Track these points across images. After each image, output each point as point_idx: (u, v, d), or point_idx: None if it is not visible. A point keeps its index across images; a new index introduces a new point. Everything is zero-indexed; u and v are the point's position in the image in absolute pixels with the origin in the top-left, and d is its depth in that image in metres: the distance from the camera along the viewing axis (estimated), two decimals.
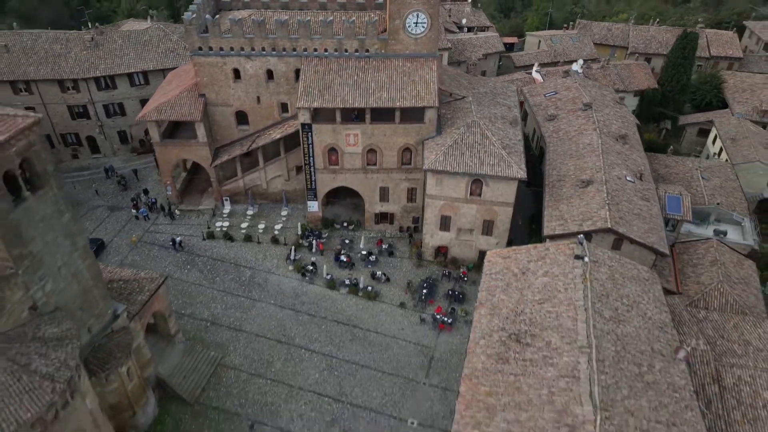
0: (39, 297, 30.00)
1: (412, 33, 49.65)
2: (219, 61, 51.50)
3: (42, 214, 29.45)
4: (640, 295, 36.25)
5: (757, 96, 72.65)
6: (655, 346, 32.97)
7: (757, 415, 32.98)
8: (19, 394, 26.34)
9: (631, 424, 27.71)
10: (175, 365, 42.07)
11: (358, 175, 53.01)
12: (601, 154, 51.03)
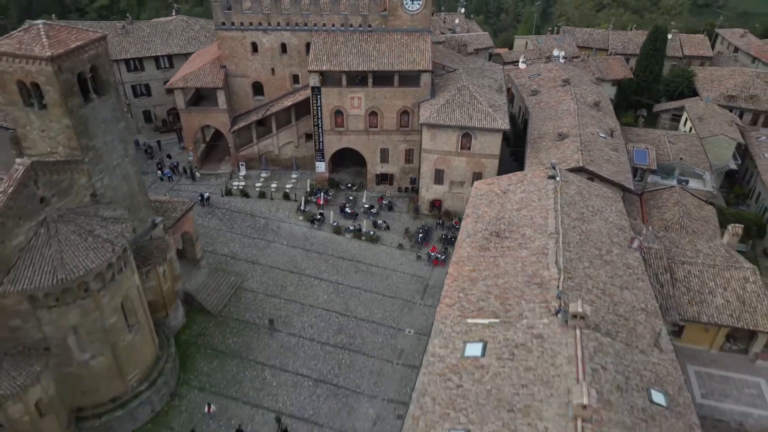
0: (98, 187, 36.12)
1: (409, 10, 56.98)
2: (239, 35, 58.68)
3: (104, 117, 35.87)
4: (604, 206, 42.38)
5: (724, 85, 79.82)
6: (614, 239, 38.95)
7: (702, 299, 38.72)
8: (86, 250, 32.24)
9: (590, 284, 33.48)
10: (201, 284, 47.76)
11: (361, 136, 59.55)
12: (577, 116, 57.73)
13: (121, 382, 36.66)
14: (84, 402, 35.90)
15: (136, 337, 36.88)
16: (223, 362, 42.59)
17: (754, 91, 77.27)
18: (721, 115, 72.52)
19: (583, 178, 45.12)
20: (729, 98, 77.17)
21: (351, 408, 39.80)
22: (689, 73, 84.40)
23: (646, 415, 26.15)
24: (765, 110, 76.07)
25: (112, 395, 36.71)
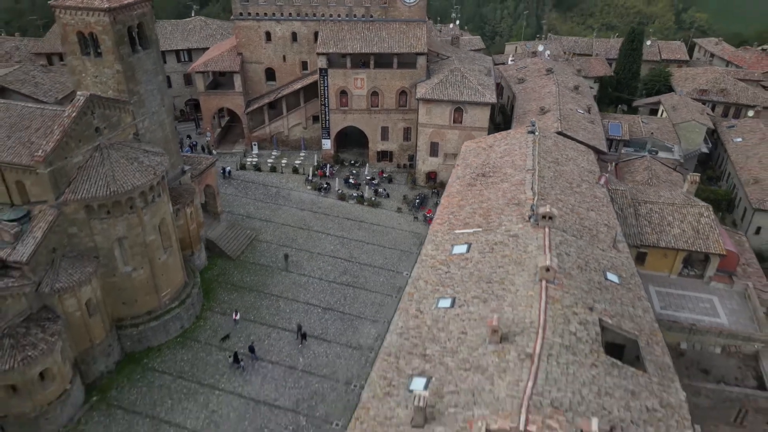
0: (140, 128, 42.24)
1: (407, 2, 64.02)
2: (254, 25, 65.60)
3: (146, 68, 42.23)
4: (576, 156, 48.44)
5: (697, 81, 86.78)
6: (584, 177, 44.93)
7: (662, 229, 44.38)
8: (133, 172, 38.18)
9: (560, 205, 39.29)
10: (221, 233, 53.47)
11: (364, 115, 65.96)
12: (558, 96, 64.23)
13: (155, 298, 42.11)
14: (123, 313, 41.27)
15: (169, 259, 42.46)
16: (242, 294, 48.05)
17: (724, 86, 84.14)
18: (694, 106, 79.08)
19: (559, 137, 51.27)
20: (701, 92, 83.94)
21: (355, 328, 45.14)
22: (666, 73, 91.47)
23: (601, 287, 31.80)
24: (734, 102, 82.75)
25: (148, 309, 42.12)
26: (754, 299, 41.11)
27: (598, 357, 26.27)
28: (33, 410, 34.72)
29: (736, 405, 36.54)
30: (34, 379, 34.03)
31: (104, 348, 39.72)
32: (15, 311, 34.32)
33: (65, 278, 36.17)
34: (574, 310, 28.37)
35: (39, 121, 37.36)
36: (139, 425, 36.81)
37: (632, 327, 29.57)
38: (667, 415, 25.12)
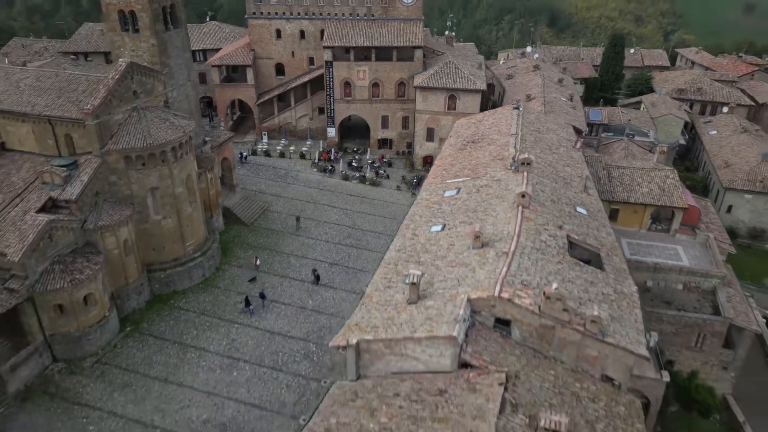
0: (170, 97, 48.02)
1: (405, 2, 70.54)
2: (266, 23, 72.03)
3: (176, 44, 48.22)
4: (556, 128, 54.14)
5: (676, 83, 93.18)
6: (562, 143, 50.53)
7: (632, 189, 49.79)
8: (165, 129, 43.80)
9: (539, 161, 44.82)
10: (236, 203, 58.88)
11: (366, 105, 71.95)
12: (543, 86, 70.30)
13: (181, 246, 47.34)
14: (153, 258, 46.42)
15: (194, 213, 47.82)
16: (256, 251, 53.26)
17: (701, 86, 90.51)
18: (672, 103, 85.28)
19: (541, 114, 57.04)
20: (680, 92, 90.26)
21: (358, 279, 50.26)
22: (647, 76, 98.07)
23: (570, 215, 37.17)
24: (710, 100, 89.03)
25: (174, 256, 47.31)
26: (714, 247, 46.33)
27: (563, 258, 31.57)
28: (77, 330, 39.67)
29: (695, 330, 41.49)
30: (79, 302, 39.08)
31: (137, 287, 44.82)
32: (64, 243, 39.54)
33: (106, 218, 41.47)
34: (546, 227, 33.74)
35: (85, 85, 43.13)
36: (169, 349, 41.71)
37: (595, 243, 34.84)
38: (619, 299, 30.39)
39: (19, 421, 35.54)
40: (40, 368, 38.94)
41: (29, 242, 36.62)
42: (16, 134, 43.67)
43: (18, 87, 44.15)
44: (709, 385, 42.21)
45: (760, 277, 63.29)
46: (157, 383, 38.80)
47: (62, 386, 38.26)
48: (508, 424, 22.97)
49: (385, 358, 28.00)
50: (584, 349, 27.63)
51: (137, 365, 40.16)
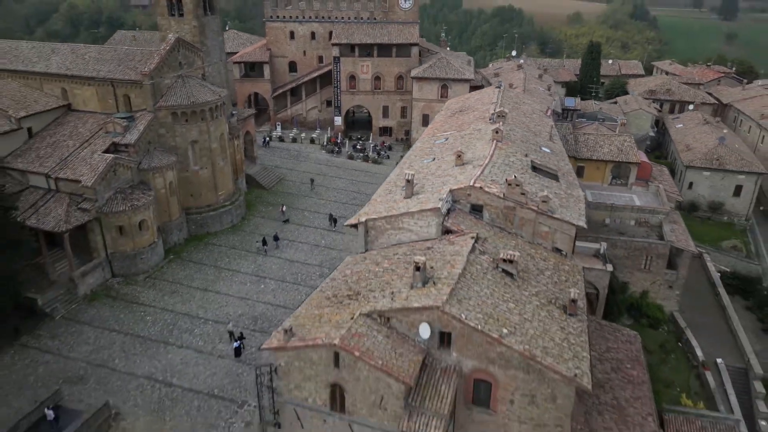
0: (206, 71, 57.47)
1: (403, 8, 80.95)
2: (281, 26, 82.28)
3: (212, 27, 57.96)
4: (532, 103, 63.53)
5: (647, 85, 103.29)
6: (536, 113, 59.81)
7: (595, 149, 58.82)
8: (204, 92, 53.11)
9: (515, 120, 54.03)
10: (257, 171, 67.91)
11: (368, 96, 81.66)
12: (524, 80, 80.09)
13: (214, 194, 56.16)
14: (190, 203, 55.15)
15: (225, 167, 56.79)
16: (276, 208, 61.96)
17: (670, 87, 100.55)
18: (642, 101, 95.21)
19: (521, 92, 66.56)
20: (650, 93, 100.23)
21: None
22: (623, 82, 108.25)
23: (536, 151, 46.15)
24: (678, 100, 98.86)
25: (208, 203, 56.08)
26: (662, 194, 55.11)
27: (527, 170, 40.51)
28: (132, 249, 48.20)
29: (643, 253, 49.94)
30: (136, 225, 47.73)
31: (178, 224, 53.47)
32: (124, 179, 48.37)
33: (157, 162, 50.41)
34: (514, 154, 42.78)
35: (140, 56, 52.68)
36: (206, 270, 50.17)
37: (555, 167, 43.79)
38: (568, 197, 39.18)
39: (89, 314, 43.82)
40: (102, 279, 47.32)
41: (99, 172, 45.50)
42: (82, 96, 52.96)
43: (84, 58, 53.68)
44: (658, 303, 50.61)
45: (717, 241, 71.72)
46: (198, 291, 47.16)
47: (121, 292, 46.63)
48: (476, 258, 31.62)
49: (386, 232, 36.74)
50: (538, 226, 36.38)
51: (181, 280, 48.58)
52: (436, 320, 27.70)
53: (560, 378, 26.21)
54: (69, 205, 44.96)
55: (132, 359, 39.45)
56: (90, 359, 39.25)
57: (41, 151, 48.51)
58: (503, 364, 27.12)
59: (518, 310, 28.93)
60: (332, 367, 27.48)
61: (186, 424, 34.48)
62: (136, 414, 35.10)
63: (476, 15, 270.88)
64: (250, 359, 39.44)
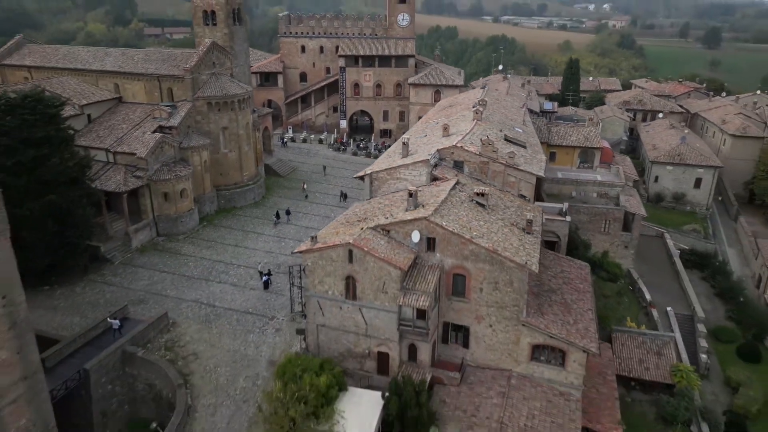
0: (234, 71, 67.88)
1: (401, 25, 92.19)
2: (294, 41, 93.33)
3: (239, 35, 68.61)
4: (512, 101, 73.91)
5: (622, 97, 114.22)
6: (515, 107, 70.08)
7: (565, 138, 68.77)
8: (234, 87, 63.40)
9: (495, 111, 64.21)
10: (273, 162, 77.91)
11: (371, 101, 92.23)
12: (508, 87, 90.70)
13: (239, 174, 65.99)
14: (220, 181, 64.89)
15: (249, 152, 66.77)
16: (291, 191, 71.79)
17: (642, 98, 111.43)
18: (617, 109, 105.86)
19: (503, 93, 77.07)
20: (625, 103, 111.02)
21: None
22: (602, 95, 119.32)
23: (511, 129, 56.18)
24: (650, 109, 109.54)
25: (234, 181, 65.87)
26: (621, 173, 64.85)
27: (500, 140, 50.42)
28: (174, 213, 57.79)
29: (602, 218, 59.45)
30: (178, 193, 57.42)
31: (210, 197, 63.18)
32: (168, 155, 58.21)
33: (194, 142, 60.36)
34: (491, 129, 52.78)
35: (181, 56, 63.21)
36: (235, 232, 59.68)
37: (525, 141, 53.77)
38: (532, 158, 48.99)
39: (142, 261, 53.21)
40: (149, 237, 56.81)
41: (150, 147, 55.44)
42: (131, 90, 63.29)
43: (133, 59, 64.21)
44: (617, 262, 59.91)
45: (679, 226, 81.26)
46: (230, 247, 56.62)
47: (166, 247, 56.09)
48: (456, 193, 41.30)
49: (387, 182, 46.51)
50: (507, 176, 46.16)
51: (215, 239, 58.09)
52: (424, 228, 37.20)
53: (515, 266, 35.59)
54: (125, 173, 54.74)
55: (180, 290, 48.72)
56: (147, 290, 48.54)
57: (100, 132, 58.51)
58: (474, 258, 36.51)
59: (486, 226, 38.46)
60: (347, 263, 36.84)
61: (228, 330, 43.61)
62: (189, 323, 44.26)
63: (471, 44, 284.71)
64: (277, 290, 48.71)
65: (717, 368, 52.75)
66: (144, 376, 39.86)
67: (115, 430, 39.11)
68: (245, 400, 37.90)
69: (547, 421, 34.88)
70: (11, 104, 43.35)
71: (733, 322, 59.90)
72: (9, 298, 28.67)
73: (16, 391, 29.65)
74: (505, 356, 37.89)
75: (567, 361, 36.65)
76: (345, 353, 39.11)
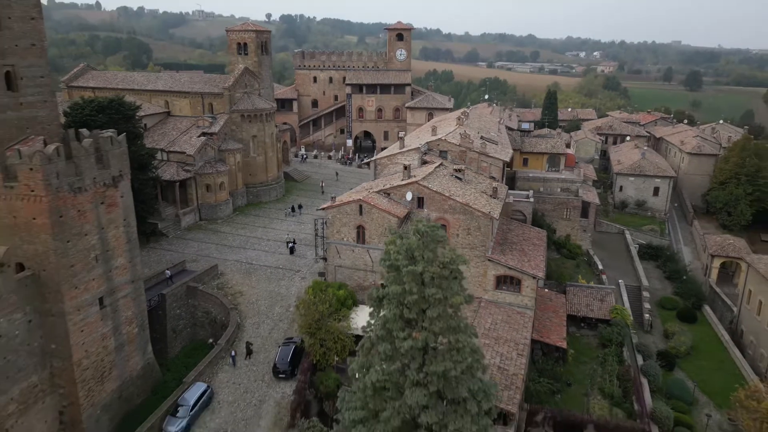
0: (261, 92, 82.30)
1: (399, 59, 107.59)
2: (307, 72, 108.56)
3: (266, 63, 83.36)
4: (493, 119, 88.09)
5: (595, 124, 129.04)
6: (492, 122, 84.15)
7: (535, 146, 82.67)
8: (262, 102, 77.80)
9: (474, 129, 78.36)
10: (291, 170, 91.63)
11: (373, 123, 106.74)
12: (491, 110, 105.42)
13: (265, 175, 79.58)
14: (249, 180, 78.38)
15: (273, 156, 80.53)
16: (306, 192, 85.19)
17: (612, 124, 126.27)
18: (589, 132, 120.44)
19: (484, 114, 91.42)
20: (597, 128, 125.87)
21: None
22: (578, 123, 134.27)
23: (486, 134, 70.13)
24: (619, 134, 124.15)
25: (261, 181, 79.37)
26: (581, 173, 78.48)
27: (478, 138, 64.19)
28: (214, 202, 71.05)
29: (564, 206, 72.58)
30: (217, 185, 70.82)
31: (241, 193, 76.57)
32: (210, 155, 71.90)
33: (230, 146, 74.16)
34: (471, 131, 66.57)
35: (219, 79, 77.66)
36: (263, 218, 72.81)
37: (497, 140, 67.49)
38: (501, 149, 62.65)
39: (190, 235, 66.16)
40: (194, 221, 69.89)
41: (197, 147, 69.18)
42: (178, 105, 77.46)
43: (180, 81, 78.67)
44: (578, 243, 72.75)
45: (639, 226, 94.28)
46: (259, 228, 69.66)
47: (208, 227, 69.14)
48: (440, 170, 54.72)
49: (387, 167, 60.02)
50: (480, 162, 59.66)
51: (247, 222, 71.21)
52: (415, 190, 50.41)
53: (482, 214, 48.63)
54: (177, 168, 68.26)
55: (224, 254, 61.54)
56: (197, 253, 61.36)
57: (155, 137, 72.34)
58: (452, 211, 49.55)
59: (462, 191, 51.71)
60: (358, 215, 49.90)
61: (264, 278, 56.28)
62: (233, 274, 56.97)
63: (466, 86, 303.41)
64: (300, 254, 61.54)
65: (660, 327, 64.82)
66: (203, 306, 52.32)
67: (180, 344, 51.35)
68: (281, 320, 50.38)
69: (506, 328, 47.21)
70: (102, 105, 57.10)
71: (678, 296, 72.16)
72: (128, 221, 41.70)
73: (128, 289, 42.29)
74: (476, 286, 50.43)
75: (522, 287, 49.26)
76: (356, 287, 51.69)
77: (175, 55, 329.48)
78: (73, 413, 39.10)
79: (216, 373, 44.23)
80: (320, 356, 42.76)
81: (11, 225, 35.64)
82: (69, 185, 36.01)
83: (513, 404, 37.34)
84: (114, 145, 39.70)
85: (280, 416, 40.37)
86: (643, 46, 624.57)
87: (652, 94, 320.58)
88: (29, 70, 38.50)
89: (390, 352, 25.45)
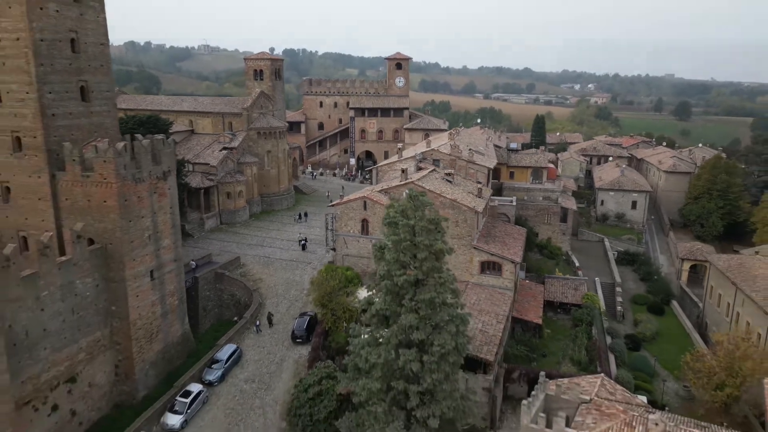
0: (274, 113, 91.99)
1: (398, 86, 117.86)
2: (314, 98, 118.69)
3: (279, 88, 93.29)
4: (482, 137, 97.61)
5: (581, 146, 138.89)
6: (481, 140, 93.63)
7: (520, 160, 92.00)
8: (275, 121, 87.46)
9: (465, 141, 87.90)
10: (300, 183, 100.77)
11: (374, 143, 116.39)
12: (482, 132, 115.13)
13: (278, 186, 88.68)
14: (263, 190, 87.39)
15: (285, 170, 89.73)
16: (314, 203, 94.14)
17: (596, 146, 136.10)
18: (575, 153, 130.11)
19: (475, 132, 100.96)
20: (582, 150, 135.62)
21: None
22: (566, 146, 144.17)
23: (476, 148, 79.55)
24: (602, 155, 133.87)
25: (274, 191, 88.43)
26: (561, 184, 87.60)
27: (467, 150, 73.57)
28: (233, 208, 79.94)
29: (545, 212, 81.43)
30: (236, 192, 79.82)
31: (257, 201, 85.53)
32: (230, 167, 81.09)
33: (247, 159, 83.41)
34: (461, 144, 75.90)
35: (238, 101, 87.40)
36: (276, 223, 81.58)
37: (484, 152, 76.83)
38: (487, 158, 71.97)
39: (213, 236, 74.88)
40: (216, 224, 78.71)
41: (219, 159, 78.42)
42: (201, 124, 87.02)
43: (203, 103, 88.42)
44: (558, 245, 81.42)
45: (618, 235, 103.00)
46: (274, 230, 78.41)
47: (228, 230, 77.91)
48: (433, 174, 63.84)
49: (387, 173, 69.10)
50: (468, 169, 68.80)
51: (263, 226, 79.98)
52: (411, 188, 59.23)
53: (467, 209, 57.43)
54: (201, 177, 77.36)
55: (244, 249, 70.17)
56: (220, 249, 69.95)
57: (181, 150, 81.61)
58: (442, 207, 58.18)
59: (451, 191, 60.66)
60: (363, 210, 58.74)
61: (280, 268, 64.84)
62: (253, 264, 65.56)
63: (462, 116, 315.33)
64: (311, 251, 70.18)
65: (631, 318, 72.91)
66: (228, 289, 60.77)
67: (209, 322, 59.63)
68: (296, 300, 58.82)
69: (488, 303, 55.52)
70: (142, 120, 66.51)
71: (649, 293, 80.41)
72: (173, 209, 50.52)
73: (172, 266, 50.81)
74: (463, 271, 58.86)
75: (503, 271, 57.74)
76: (361, 273, 60.17)
77: (183, 87, 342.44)
78: (127, 367, 47.21)
79: (243, 339, 52.50)
80: (331, 323, 51.10)
81: (85, 207, 44.41)
82: (132, 176, 44.92)
83: (491, 354, 45.56)
84: (165, 146, 48.78)
85: (298, 370, 48.51)
86: (637, 78, 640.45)
87: (642, 123, 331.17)
88: (98, 86, 47.90)
89: (390, 287, 34.01)
